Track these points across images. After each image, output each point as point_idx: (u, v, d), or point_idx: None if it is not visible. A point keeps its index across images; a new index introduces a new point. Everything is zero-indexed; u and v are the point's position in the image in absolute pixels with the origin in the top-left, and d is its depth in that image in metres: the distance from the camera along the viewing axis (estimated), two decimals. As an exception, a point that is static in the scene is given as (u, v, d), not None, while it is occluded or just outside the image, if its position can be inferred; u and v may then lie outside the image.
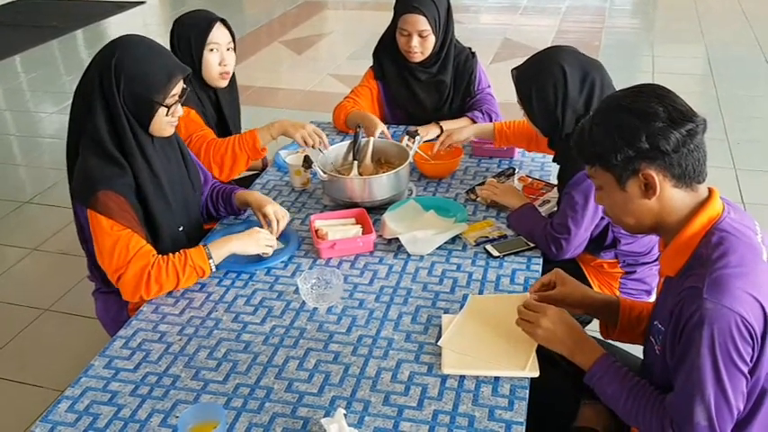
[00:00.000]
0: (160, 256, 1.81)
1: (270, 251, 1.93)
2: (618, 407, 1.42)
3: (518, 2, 7.97)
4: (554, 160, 2.11)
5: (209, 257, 1.84)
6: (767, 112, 4.62)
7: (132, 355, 1.63)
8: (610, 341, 1.81)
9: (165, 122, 1.86)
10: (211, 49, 2.34)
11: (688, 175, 1.31)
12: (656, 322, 1.38)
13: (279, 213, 2.01)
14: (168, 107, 1.84)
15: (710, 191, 1.36)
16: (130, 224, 1.79)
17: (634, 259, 2.12)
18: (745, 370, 1.25)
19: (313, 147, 2.32)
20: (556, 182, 2.17)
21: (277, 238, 1.99)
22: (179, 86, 1.85)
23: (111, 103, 1.78)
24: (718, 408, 1.25)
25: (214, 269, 1.86)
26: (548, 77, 1.93)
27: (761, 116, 4.56)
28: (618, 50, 6.09)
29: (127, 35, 1.87)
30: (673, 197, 1.33)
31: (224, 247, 1.88)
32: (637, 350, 1.63)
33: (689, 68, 5.55)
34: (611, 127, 1.32)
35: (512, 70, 2.03)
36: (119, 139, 1.81)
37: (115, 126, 1.80)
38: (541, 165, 2.50)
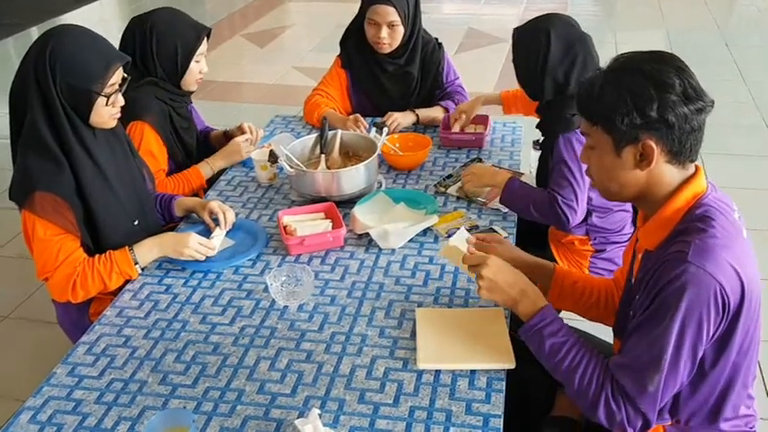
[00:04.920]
0: (87, 261, 1.80)
1: (201, 256, 1.87)
2: (552, 361, 1.38)
3: (481, -9, 7.99)
4: (537, 126, 2.16)
5: (135, 262, 1.83)
6: (727, 97, 4.70)
7: (96, 362, 1.57)
8: (583, 330, 1.82)
9: (106, 113, 1.80)
10: (197, 61, 2.32)
11: (684, 153, 1.29)
12: (637, 297, 1.36)
13: (224, 206, 2.02)
14: (107, 97, 1.77)
15: (697, 168, 1.35)
16: (65, 226, 1.77)
17: (604, 237, 2.14)
18: (705, 344, 1.25)
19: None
20: (527, 167, 2.19)
21: (227, 233, 1.99)
22: (118, 75, 1.79)
23: (48, 96, 1.72)
24: (668, 376, 1.25)
25: (140, 272, 1.86)
26: (533, 43, 2.00)
27: (721, 100, 4.61)
28: (581, 38, 6.12)
29: (62, 24, 1.82)
30: (663, 172, 1.31)
31: (151, 251, 1.87)
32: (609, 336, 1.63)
33: (651, 54, 5.60)
34: (625, 89, 1.26)
35: (513, 29, 2.11)
36: (57, 133, 1.75)
37: (53, 119, 1.74)
38: (510, 153, 2.49)
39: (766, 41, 6.03)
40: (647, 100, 1.24)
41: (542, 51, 1.97)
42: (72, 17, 7.43)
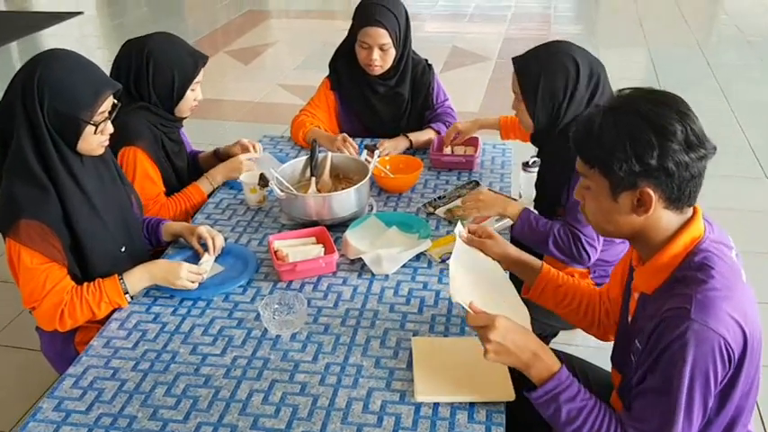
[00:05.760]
0: (75, 290, 1.76)
1: (194, 285, 1.83)
2: (570, 427, 1.32)
3: (464, 9, 8.02)
4: (538, 155, 2.12)
5: (125, 292, 1.79)
6: (711, 116, 4.73)
7: (84, 395, 1.52)
8: (581, 358, 1.81)
9: (95, 141, 1.76)
10: (193, 89, 2.28)
11: (683, 199, 1.26)
12: (636, 341, 1.34)
13: (212, 231, 1.98)
14: (96, 125, 1.73)
15: (695, 210, 1.32)
16: (52, 255, 1.73)
17: (604, 270, 2.11)
18: (714, 392, 1.23)
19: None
20: (516, 189, 2.16)
21: (216, 259, 1.95)
22: (108, 103, 1.75)
23: (35, 121, 1.67)
24: (684, 430, 1.23)
25: (130, 300, 1.81)
26: (560, 70, 1.93)
27: (704, 119, 4.67)
28: (564, 56, 6.15)
29: (52, 49, 1.77)
30: (660, 217, 1.28)
31: (141, 280, 1.83)
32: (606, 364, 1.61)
33: (634, 73, 5.63)
34: (624, 134, 1.22)
35: (513, 58, 2.03)
36: (44, 160, 1.70)
37: (39, 146, 1.69)
38: (501, 176, 2.47)
39: (747, 60, 6.11)
40: (647, 147, 1.21)
41: (572, 79, 1.91)
42: (51, 32, 7.34)
